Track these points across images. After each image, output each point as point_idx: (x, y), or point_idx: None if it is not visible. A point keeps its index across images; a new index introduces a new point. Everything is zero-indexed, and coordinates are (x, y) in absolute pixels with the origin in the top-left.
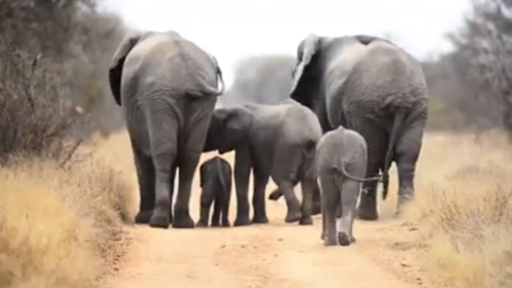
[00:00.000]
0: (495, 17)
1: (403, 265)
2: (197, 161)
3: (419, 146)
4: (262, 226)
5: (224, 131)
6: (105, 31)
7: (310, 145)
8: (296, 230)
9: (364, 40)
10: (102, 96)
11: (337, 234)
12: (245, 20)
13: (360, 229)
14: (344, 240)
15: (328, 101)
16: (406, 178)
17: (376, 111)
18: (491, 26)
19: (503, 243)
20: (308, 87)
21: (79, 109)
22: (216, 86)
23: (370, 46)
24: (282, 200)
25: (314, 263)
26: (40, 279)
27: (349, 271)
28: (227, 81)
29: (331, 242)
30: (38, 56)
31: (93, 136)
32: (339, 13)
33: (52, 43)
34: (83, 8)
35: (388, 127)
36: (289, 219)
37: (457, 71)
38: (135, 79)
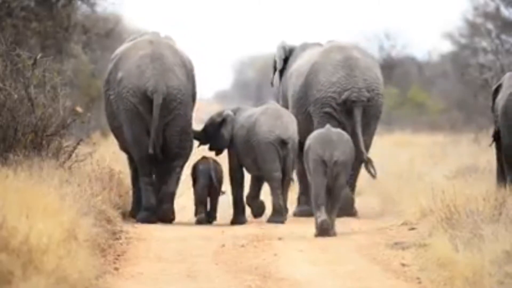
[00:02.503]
0: (494, 17)
1: (403, 264)
2: (182, 156)
3: (371, 141)
4: (262, 225)
5: (218, 135)
6: (105, 31)
7: (283, 143)
8: (296, 229)
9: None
10: (102, 96)
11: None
12: (245, 20)
13: (360, 228)
14: (324, 227)
15: (290, 103)
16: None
17: (334, 106)
18: (490, 26)
19: (502, 243)
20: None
21: (79, 108)
22: (187, 89)
23: (325, 46)
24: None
25: (313, 263)
26: (40, 278)
27: (349, 270)
28: (227, 81)
29: (321, 231)
30: (38, 56)
31: (93, 136)
32: (339, 13)
33: (52, 43)
34: (83, 7)
35: (346, 122)
36: (270, 221)
37: (456, 71)
38: (109, 75)
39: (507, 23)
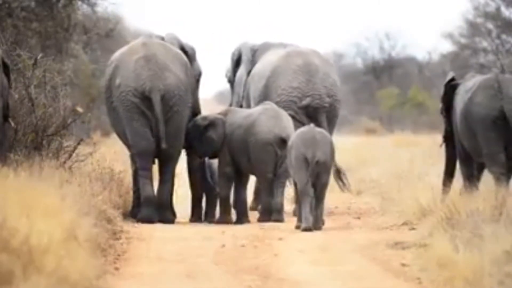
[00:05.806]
0: (495, 17)
1: (403, 264)
2: (174, 157)
3: None
4: (262, 226)
5: (204, 139)
6: (105, 31)
7: (282, 142)
8: (296, 229)
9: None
10: (102, 96)
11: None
12: (245, 20)
13: (360, 228)
14: (318, 229)
15: (252, 105)
16: None
17: (295, 109)
18: (490, 26)
19: (502, 243)
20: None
21: (79, 108)
22: (186, 84)
23: (286, 50)
24: None
25: (314, 263)
26: (40, 278)
27: (349, 270)
28: (227, 82)
29: (307, 227)
30: (39, 56)
31: (94, 136)
32: (339, 13)
33: (52, 43)
34: (83, 8)
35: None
36: (260, 220)
37: (456, 71)
38: (109, 81)
39: (508, 23)
